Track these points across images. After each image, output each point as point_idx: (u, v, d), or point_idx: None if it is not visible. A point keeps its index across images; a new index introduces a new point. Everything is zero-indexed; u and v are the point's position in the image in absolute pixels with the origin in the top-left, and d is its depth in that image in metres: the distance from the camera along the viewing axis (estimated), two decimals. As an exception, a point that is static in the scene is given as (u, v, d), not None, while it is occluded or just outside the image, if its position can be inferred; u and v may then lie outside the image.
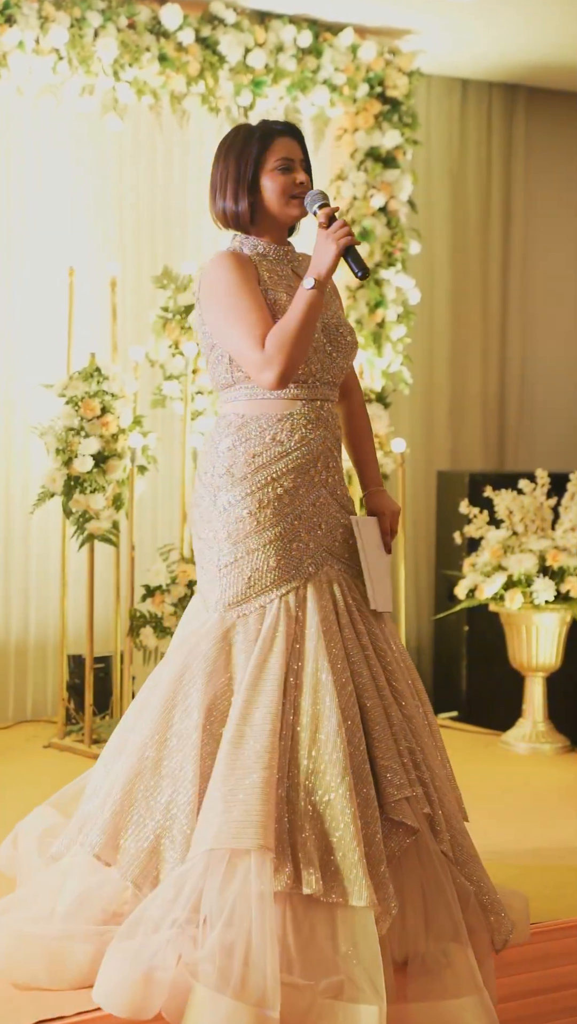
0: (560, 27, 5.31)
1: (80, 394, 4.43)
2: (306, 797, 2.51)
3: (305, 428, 2.66)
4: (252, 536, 2.63)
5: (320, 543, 2.68)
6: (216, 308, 2.63)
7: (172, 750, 2.58)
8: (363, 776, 2.56)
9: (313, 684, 2.57)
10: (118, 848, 2.55)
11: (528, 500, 4.77)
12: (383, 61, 5.33)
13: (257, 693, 2.56)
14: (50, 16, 4.59)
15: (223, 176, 2.69)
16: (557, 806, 4.01)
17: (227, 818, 2.44)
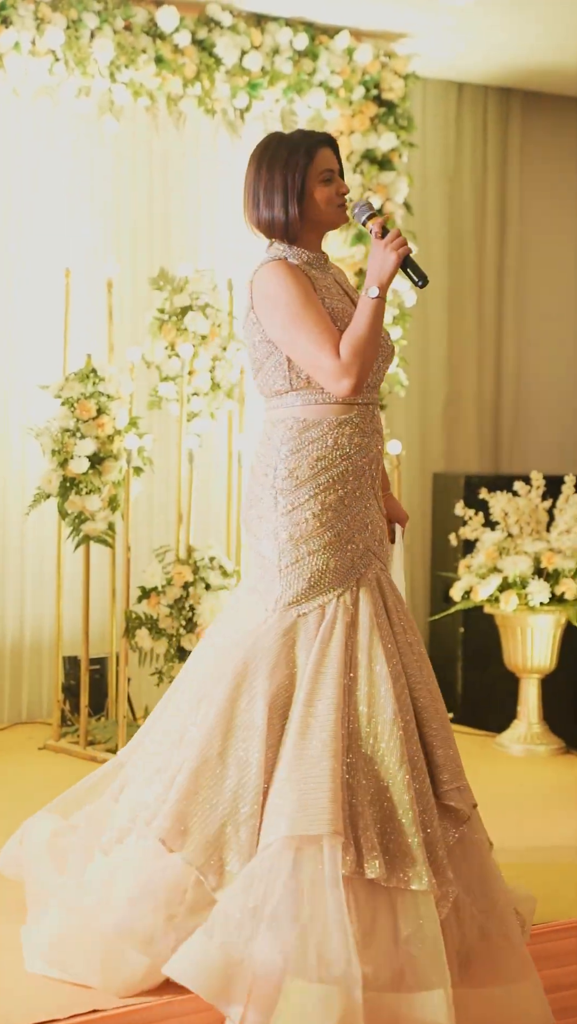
0: (555, 31, 5.32)
1: (76, 395, 4.43)
2: (367, 784, 2.59)
3: (361, 434, 2.76)
4: (314, 538, 2.73)
5: (368, 544, 2.79)
6: (280, 317, 2.70)
7: (238, 740, 2.64)
8: (419, 765, 2.66)
9: (369, 676, 2.67)
10: (184, 833, 2.59)
11: (523, 502, 4.78)
12: (379, 64, 5.34)
13: (319, 686, 2.64)
14: (46, 17, 4.59)
15: (267, 186, 2.76)
16: (552, 808, 4.02)
17: (300, 806, 2.52)
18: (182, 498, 4.69)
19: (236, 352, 4.82)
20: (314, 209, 2.76)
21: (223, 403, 4.85)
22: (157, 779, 2.72)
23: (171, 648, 4.42)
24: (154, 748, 2.81)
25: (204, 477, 5.28)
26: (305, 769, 2.56)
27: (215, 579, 4.48)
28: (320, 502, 2.72)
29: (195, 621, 4.42)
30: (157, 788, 2.70)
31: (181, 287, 4.78)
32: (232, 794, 2.62)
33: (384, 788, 2.59)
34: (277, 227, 2.78)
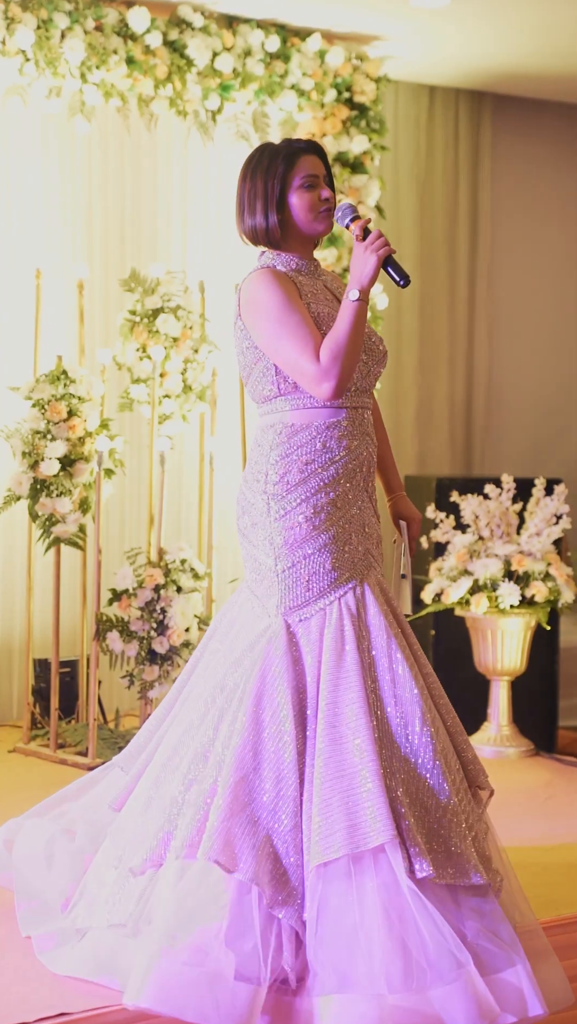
0: (527, 35, 5.35)
1: (47, 397, 4.41)
2: (406, 785, 2.60)
3: (350, 436, 2.77)
4: (308, 541, 2.73)
5: (365, 546, 2.80)
6: (265, 324, 2.71)
7: (269, 752, 2.62)
8: (453, 760, 2.71)
9: (391, 678, 2.68)
10: (235, 852, 2.54)
11: (494, 505, 4.79)
12: (351, 67, 5.35)
13: (342, 691, 2.64)
14: (16, 17, 4.57)
15: (251, 194, 2.78)
16: (522, 809, 4.03)
17: (355, 819, 2.51)
18: (153, 500, 4.67)
19: (208, 355, 4.82)
20: (295, 216, 2.77)
21: (195, 405, 4.84)
22: (186, 798, 2.65)
23: (142, 651, 4.41)
24: (172, 764, 2.74)
25: (175, 479, 5.27)
26: (348, 780, 2.55)
27: (186, 582, 4.47)
28: (312, 506, 2.72)
29: (166, 624, 4.41)
30: (190, 810, 2.62)
31: (152, 289, 4.77)
32: (272, 808, 2.59)
33: (423, 786, 2.61)
34: (260, 234, 2.80)
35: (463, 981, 2.43)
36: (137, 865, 2.66)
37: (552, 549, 4.70)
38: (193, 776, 2.67)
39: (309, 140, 2.82)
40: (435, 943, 2.45)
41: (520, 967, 2.51)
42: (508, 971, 2.51)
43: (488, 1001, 2.43)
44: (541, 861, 3.51)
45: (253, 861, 2.52)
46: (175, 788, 2.68)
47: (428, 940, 2.46)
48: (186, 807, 2.64)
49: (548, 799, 4.17)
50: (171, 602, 4.41)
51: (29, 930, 2.83)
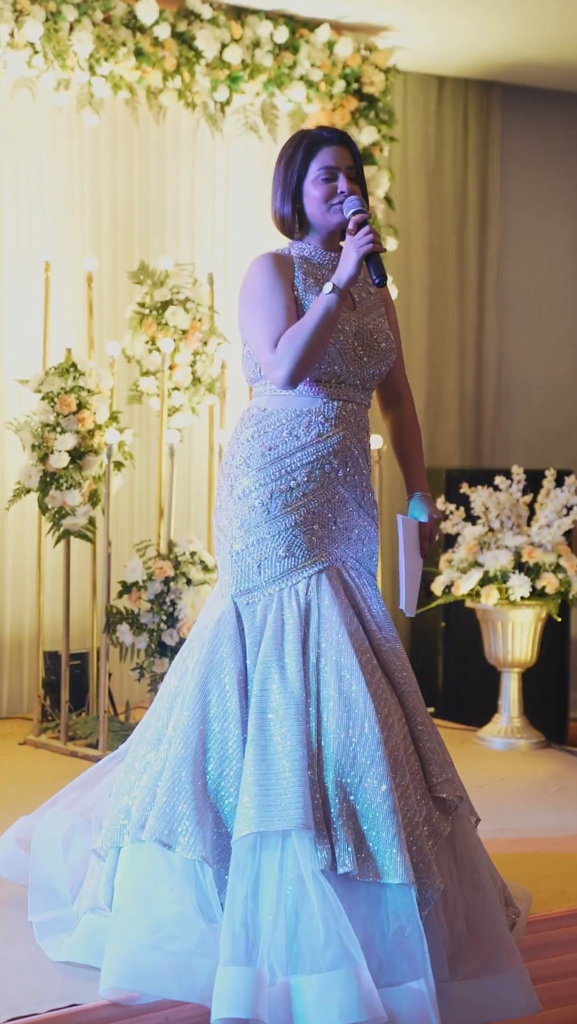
0: (536, 24, 5.33)
1: (56, 390, 4.41)
2: (339, 779, 2.58)
3: (322, 425, 2.74)
4: (262, 525, 2.71)
5: (334, 538, 2.76)
6: (246, 307, 2.75)
7: (214, 732, 2.64)
8: (404, 759, 2.65)
9: (336, 670, 2.65)
10: (176, 832, 2.58)
11: (504, 497, 4.79)
12: (360, 57, 5.33)
13: (275, 679, 2.64)
14: (25, 9, 4.57)
15: (276, 182, 2.80)
16: (532, 801, 4.03)
17: (266, 801, 2.52)
18: (163, 493, 4.68)
19: (217, 347, 4.81)
20: (309, 208, 2.77)
21: (204, 398, 4.84)
22: (140, 782, 2.72)
23: (152, 643, 4.41)
24: (136, 751, 2.81)
25: (185, 472, 5.27)
26: (268, 764, 2.56)
27: (196, 574, 4.48)
28: (269, 490, 2.71)
29: (176, 616, 4.41)
30: (141, 792, 2.68)
31: (161, 281, 4.76)
32: (215, 787, 2.62)
33: (358, 782, 2.57)
34: (277, 223, 2.82)
35: (346, 970, 2.41)
36: (100, 848, 2.73)
37: (563, 540, 4.69)
38: (149, 759, 2.72)
39: (338, 131, 2.79)
40: (326, 932, 2.44)
41: (423, 982, 2.45)
42: (413, 982, 2.46)
43: (373, 998, 2.40)
44: (552, 852, 3.51)
45: (197, 839, 2.55)
46: (133, 773, 2.74)
47: (320, 928, 2.44)
48: (137, 790, 2.69)
49: (559, 791, 4.17)
50: (181, 594, 4.42)
51: (34, 915, 2.86)
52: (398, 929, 2.51)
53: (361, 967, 2.42)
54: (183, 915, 2.54)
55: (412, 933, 2.50)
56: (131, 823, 2.66)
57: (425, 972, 2.46)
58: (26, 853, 3.00)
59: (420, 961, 2.47)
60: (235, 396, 5.16)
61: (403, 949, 2.49)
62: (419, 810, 2.63)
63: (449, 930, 2.62)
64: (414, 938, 2.49)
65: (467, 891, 2.69)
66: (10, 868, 3.05)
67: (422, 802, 2.65)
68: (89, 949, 2.66)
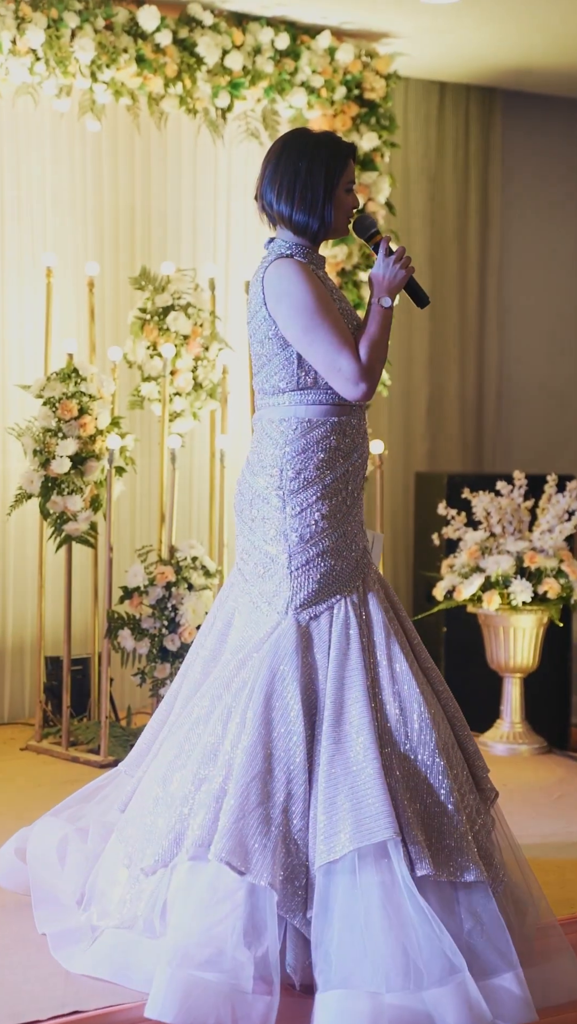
0: (537, 31, 5.34)
1: (58, 395, 4.42)
2: (404, 782, 2.61)
3: (357, 436, 2.82)
4: (324, 539, 2.76)
5: (363, 544, 2.84)
6: (298, 317, 2.71)
7: (279, 751, 2.63)
8: (456, 758, 2.71)
9: (390, 675, 2.70)
10: (247, 854, 2.53)
11: (505, 502, 4.79)
12: (360, 64, 5.34)
13: (346, 690, 2.66)
14: (27, 16, 4.57)
15: (305, 185, 2.74)
16: (534, 806, 4.03)
17: (359, 815, 2.52)
18: (164, 498, 4.68)
19: (218, 352, 4.82)
20: (334, 216, 2.79)
21: (205, 403, 4.85)
22: (196, 798, 2.64)
23: (153, 648, 4.41)
24: (178, 763, 2.72)
25: (186, 477, 5.28)
26: (352, 777, 2.57)
27: (198, 579, 4.48)
28: (328, 503, 2.75)
29: (177, 621, 4.41)
30: (201, 809, 2.61)
31: (163, 287, 4.77)
32: (283, 808, 2.59)
33: (422, 783, 2.61)
34: (310, 230, 2.77)
35: (456, 984, 2.43)
36: (148, 865, 2.66)
37: (564, 545, 4.69)
38: (203, 775, 2.66)
39: (352, 144, 2.84)
40: (430, 945, 2.45)
41: (513, 973, 2.49)
42: (502, 976, 2.50)
43: (480, 1006, 2.43)
44: (555, 858, 3.51)
45: (266, 863, 2.51)
46: (185, 787, 2.67)
47: (423, 941, 2.46)
48: (196, 806, 2.63)
49: (561, 796, 4.17)
50: (182, 600, 4.42)
51: (45, 927, 2.84)
52: (474, 925, 2.54)
53: (465, 974, 2.44)
54: (241, 941, 2.49)
55: (493, 928, 2.54)
56: (189, 841, 2.59)
57: (513, 963, 2.50)
58: (24, 864, 2.99)
59: (506, 953, 2.52)
60: (236, 401, 5.16)
61: (487, 944, 2.52)
62: (474, 806, 2.69)
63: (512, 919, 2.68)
64: (496, 932, 2.53)
65: (516, 877, 2.78)
66: (10, 879, 3.04)
67: (475, 797, 2.72)
68: (115, 965, 2.62)
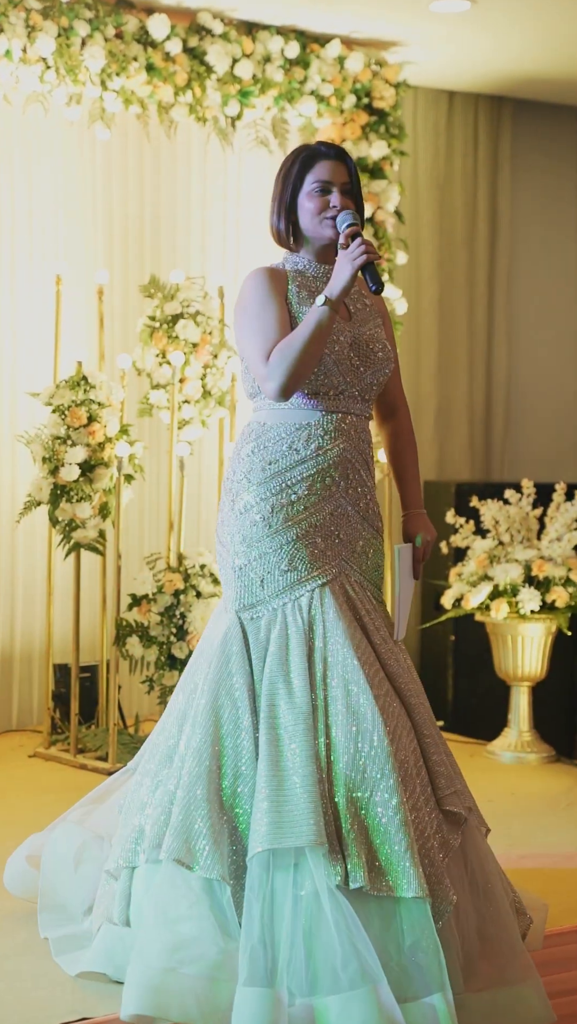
0: (546, 40, 5.34)
1: (67, 402, 4.43)
2: (349, 793, 2.57)
3: (322, 438, 2.74)
4: (264, 540, 2.72)
5: (337, 551, 2.75)
6: (240, 320, 2.76)
7: (227, 748, 2.63)
8: (414, 771, 2.64)
9: (343, 685, 2.64)
10: (195, 850, 2.55)
11: (514, 510, 4.78)
12: (370, 72, 5.35)
13: (282, 695, 2.63)
14: (37, 25, 4.59)
15: (272, 195, 2.83)
16: (543, 815, 4.02)
17: (278, 818, 2.51)
18: (173, 506, 4.68)
19: (227, 360, 4.82)
20: (303, 221, 2.78)
21: (214, 411, 4.85)
22: (153, 800, 2.70)
23: (162, 656, 4.41)
24: (145, 768, 2.79)
25: (195, 485, 5.28)
26: (279, 780, 2.55)
27: (206, 587, 4.48)
28: (270, 505, 2.71)
29: (186, 629, 4.41)
30: (154, 810, 2.66)
31: (172, 295, 4.78)
32: (229, 804, 2.60)
33: (368, 796, 2.56)
34: (274, 235, 2.85)
35: (367, 990, 2.39)
36: (112, 868, 2.71)
37: (573, 554, 4.68)
38: (160, 777, 2.71)
39: (336, 147, 2.81)
40: (343, 951, 2.42)
41: (441, 995, 2.44)
42: (432, 997, 2.45)
43: (393, 1013, 2.39)
44: (562, 868, 3.50)
45: (215, 857, 2.53)
46: (144, 791, 2.73)
47: (337, 947, 2.43)
48: (152, 808, 2.67)
49: (569, 805, 4.16)
50: (191, 607, 4.42)
51: (47, 932, 2.85)
52: (413, 943, 2.49)
53: (381, 984, 2.41)
54: (202, 935, 2.52)
55: (428, 947, 2.48)
56: (145, 842, 2.64)
57: (443, 986, 2.45)
58: (35, 870, 3.00)
59: (437, 975, 2.46)
60: (245, 409, 5.16)
61: (420, 963, 2.48)
62: (430, 823, 2.63)
63: (462, 941, 2.61)
64: (431, 952, 2.48)
65: (479, 902, 2.69)
66: (20, 885, 3.04)
67: (432, 815, 2.64)
68: (107, 960, 2.65)
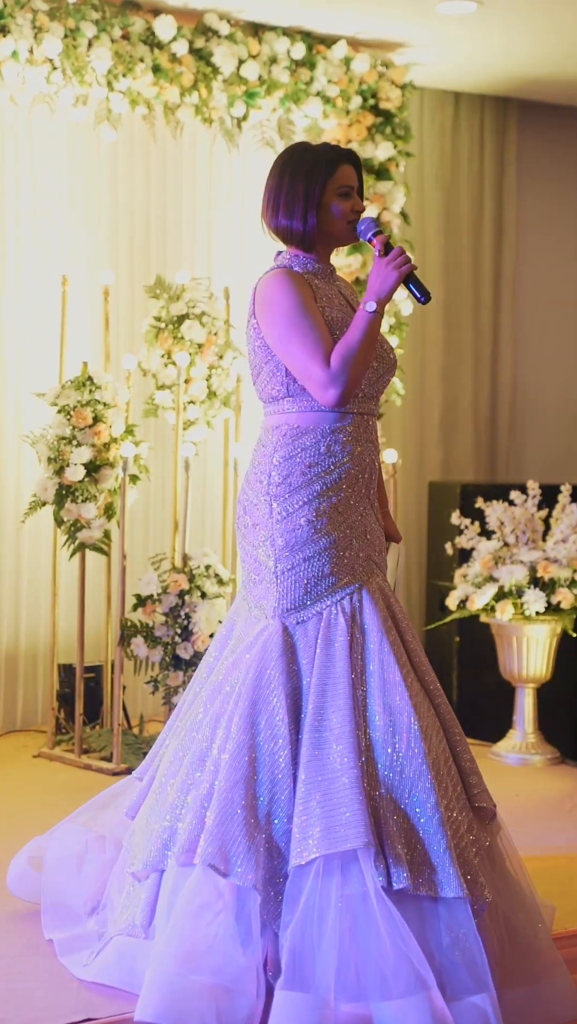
0: (552, 41, 5.34)
1: (72, 403, 4.43)
2: (388, 793, 2.58)
3: (354, 441, 2.77)
4: (309, 544, 2.73)
5: (367, 552, 2.80)
6: (278, 324, 2.72)
7: (264, 755, 2.63)
8: (446, 771, 2.67)
9: (380, 684, 2.67)
10: (230, 856, 2.54)
11: (519, 511, 4.78)
12: (376, 73, 5.35)
13: (329, 696, 2.64)
14: (44, 26, 4.60)
15: (289, 195, 2.77)
16: (547, 817, 4.01)
17: (330, 822, 2.51)
18: (178, 506, 4.68)
19: (232, 360, 4.82)
20: (329, 222, 2.78)
21: (219, 411, 4.85)
22: (185, 803, 2.67)
23: (166, 656, 4.42)
24: (172, 770, 2.76)
25: (200, 485, 5.28)
26: (328, 784, 2.55)
27: (211, 587, 4.48)
28: (314, 508, 2.72)
29: (191, 629, 4.41)
30: (188, 814, 2.64)
31: (178, 295, 4.78)
32: (266, 811, 2.59)
33: (407, 797, 2.58)
34: (294, 236, 2.80)
35: (421, 997, 2.40)
36: (139, 870, 2.69)
37: (578, 556, 4.68)
38: (192, 781, 2.69)
39: (348, 149, 2.83)
40: (397, 956, 2.43)
41: (485, 995, 2.45)
42: (474, 996, 2.46)
43: (446, 1019, 2.39)
44: (568, 869, 3.49)
45: (249, 865, 2.52)
46: (174, 793, 2.71)
47: (390, 952, 2.43)
48: (184, 812, 2.66)
49: (574, 807, 4.15)
50: (195, 608, 4.42)
51: (51, 933, 2.85)
52: (452, 942, 2.51)
53: (434, 990, 2.41)
54: (226, 944, 2.50)
55: (471, 946, 2.50)
56: (177, 846, 2.61)
57: (487, 985, 2.46)
58: (38, 872, 3.00)
59: (481, 974, 2.48)
60: (250, 410, 5.17)
61: (463, 963, 2.49)
62: (463, 821, 2.65)
63: (495, 939, 2.63)
64: (474, 951, 2.49)
65: (506, 899, 2.71)
66: (23, 887, 3.04)
67: (464, 813, 2.67)
68: (121, 972, 2.64)
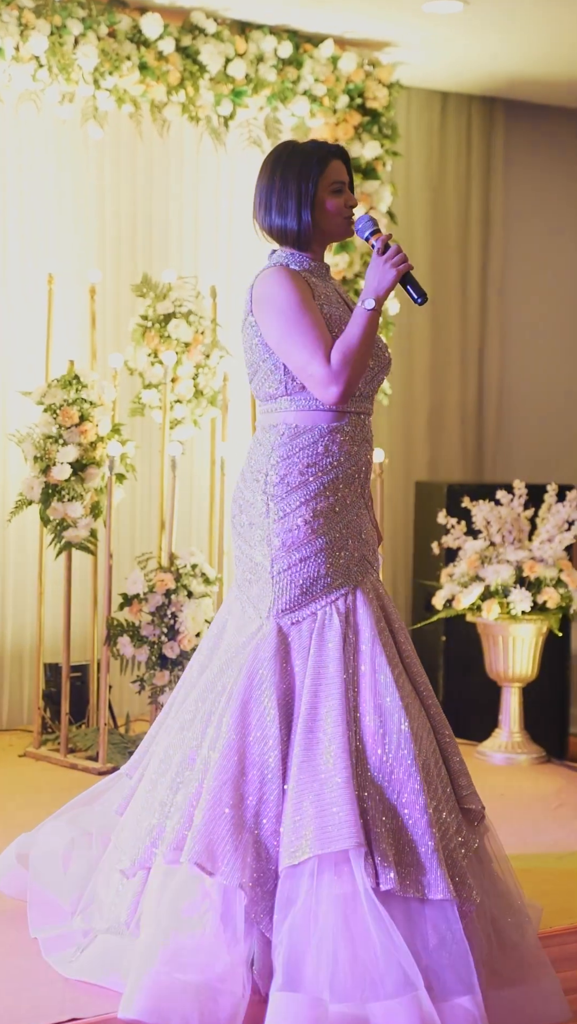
0: (539, 41, 5.35)
1: (58, 402, 4.42)
2: (377, 795, 2.58)
3: (351, 441, 2.77)
4: (305, 544, 2.72)
5: (362, 552, 2.79)
6: (277, 322, 2.71)
7: (253, 755, 2.62)
8: (436, 773, 2.67)
9: (372, 684, 2.66)
10: (217, 855, 2.53)
11: (505, 511, 4.79)
12: (363, 73, 5.35)
13: (322, 697, 2.64)
14: (30, 23, 4.58)
15: (281, 194, 2.77)
16: (534, 817, 4.02)
17: (323, 822, 2.51)
18: (165, 505, 4.68)
19: (219, 359, 4.82)
20: (324, 218, 2.78)
21: (206, 410, 4.85)
22: (175, 801, 2.67)
23: (153, 656, 4.41)
24: (162, 768, 2.76)
25: (187, 484, 5.27)
26: (320, 784, 2.55)
27: (197, 586, 4.47)
28: (311, 509, 2.72)
29: (177, 629, 4.40)
30: (177, 812, 2.63)
31: (164, 294, 4.77)
32: (255, 811, 2.59)
33: (396, 798, 2.58)
34: (289, 234, 2.79)
35: (409, 998, 2.40)
36: (127, 867, 2.69)
37: (564, 555, 4.69)
38: (181, 779, 2.69)
39: (338, 145, 2.82)
40: (386, 957, 2.43)
41: (470, 997, 2.46)
42: (460, 998, 2.46)
43: (433, 1021, 2.40)
44: (553, 868, 3.50)
45: (236, 864, 2.52)
46: (163, 791, 2.70)
47: (379, 953, 2.44)
48: (173, 810, 2.65)
49: (560, 806, 4.16)
50: (182, 607, 4.41)
51: (37, 931, 2.84)
52: (439, 943, 2.51)
53: (422, 991, 2.41)
54: (210, 943, 2.50)
55: (457, 948, 2.50)
56: (165, 844, 2.61)
57: (472, 987, 2.47)
58: (25, 870, 2.99)
59: (467, 976, 2.48)
60: (237, 409, 5.16)
61: (450, 964, 2.49)
62: (452, 823, 2.65)
63: (482, 940, 2.63)
64: (459, 953, 2.49)
65: (493, 900, 2.71)
66: (11, 884, 3.03)
67: (453, 815, 2.67)
68: (105, 969, 2.64)
